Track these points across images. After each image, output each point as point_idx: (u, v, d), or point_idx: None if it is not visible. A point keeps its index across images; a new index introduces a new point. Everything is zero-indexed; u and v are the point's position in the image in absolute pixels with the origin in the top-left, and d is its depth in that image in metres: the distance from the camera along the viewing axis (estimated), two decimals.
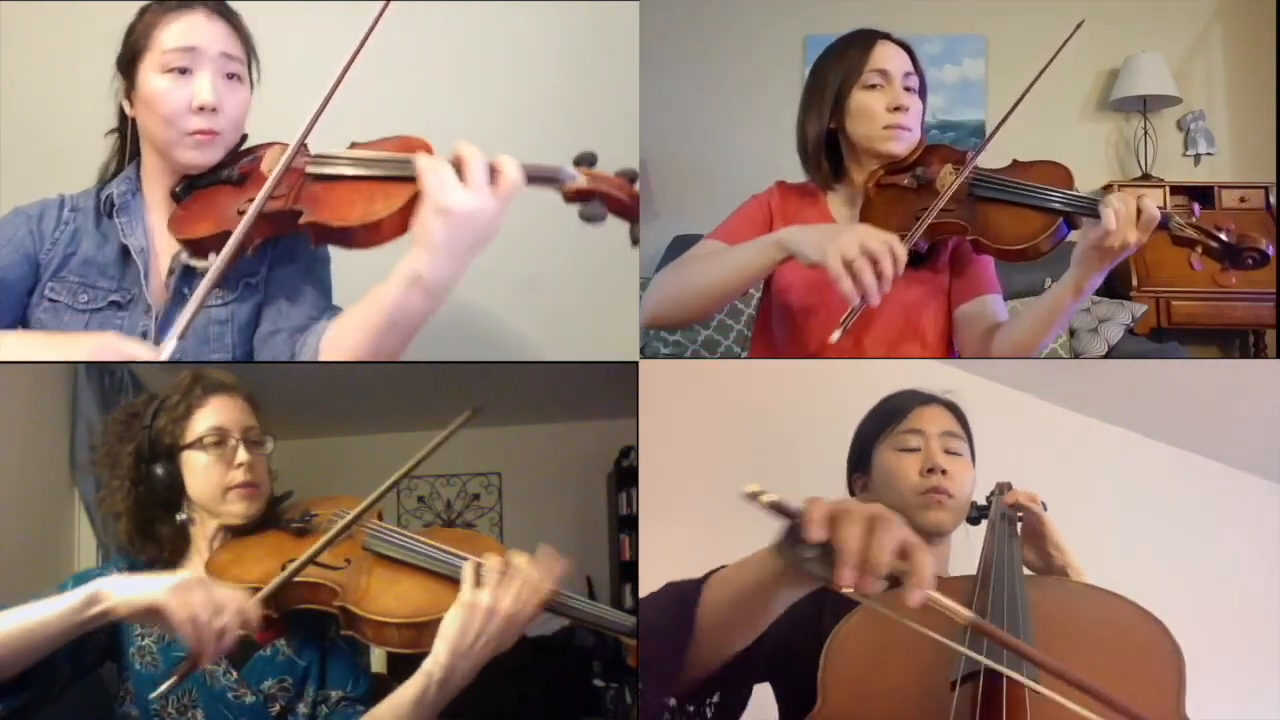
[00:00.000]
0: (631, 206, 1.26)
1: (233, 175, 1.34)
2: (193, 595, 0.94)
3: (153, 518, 1.23)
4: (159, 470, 1.22)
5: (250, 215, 1.23)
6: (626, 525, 4.25)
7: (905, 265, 1.32)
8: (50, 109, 1.89)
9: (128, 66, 1.35)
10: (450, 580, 1.10)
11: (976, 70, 3.85)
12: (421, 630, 1.08)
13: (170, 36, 1.31)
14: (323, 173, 1.28)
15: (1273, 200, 3.49)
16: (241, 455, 1.23)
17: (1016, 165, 1.51)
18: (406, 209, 1.22)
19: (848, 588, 0.77)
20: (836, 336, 1.32)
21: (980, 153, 1.50)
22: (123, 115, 1.40)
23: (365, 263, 1.27)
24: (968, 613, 0.79)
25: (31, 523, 2.46)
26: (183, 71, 1.31)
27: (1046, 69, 1.47)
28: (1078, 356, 3.04)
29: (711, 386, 2.50)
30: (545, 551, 1.10)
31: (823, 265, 1.32)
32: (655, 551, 2.16)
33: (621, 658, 1.08)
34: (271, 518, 1.26)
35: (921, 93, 1.58)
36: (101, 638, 1.08)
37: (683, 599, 0.96)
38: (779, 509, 0.80)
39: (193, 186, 1.36)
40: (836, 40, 1.61)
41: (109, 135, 1.44)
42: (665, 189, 3.75)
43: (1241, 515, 3.02)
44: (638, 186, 1.26)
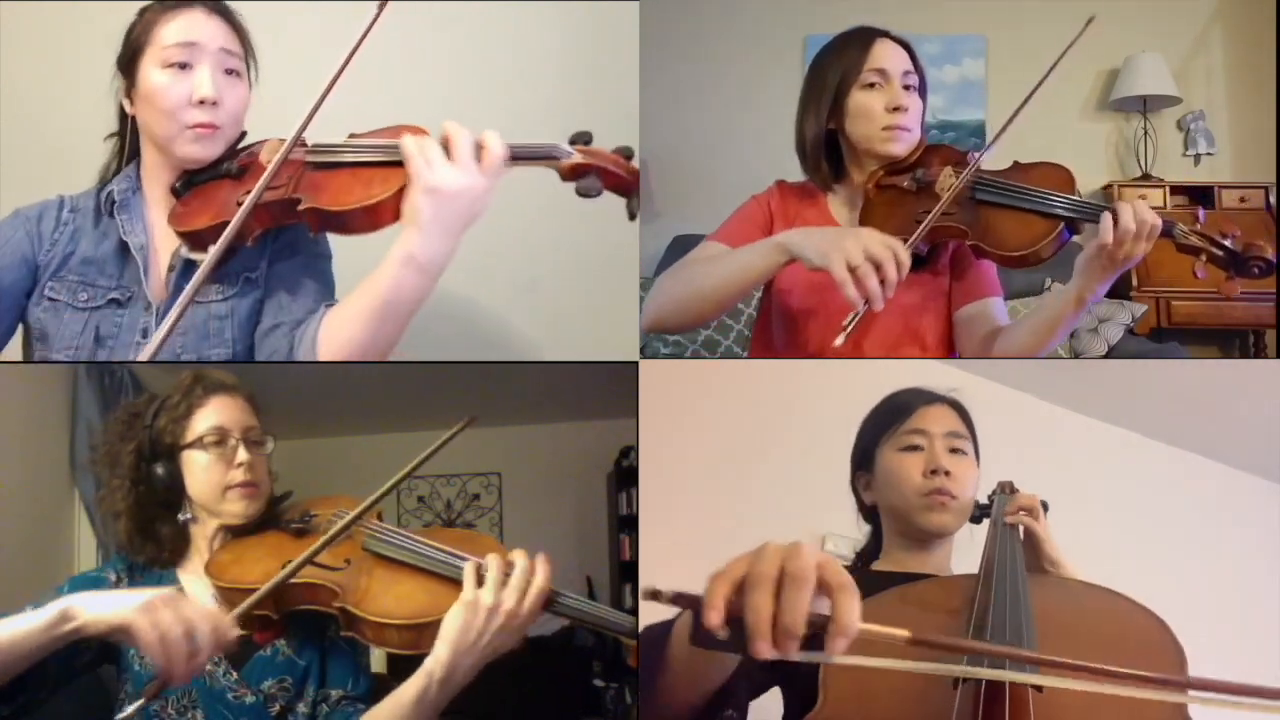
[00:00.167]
0: (628, 181, 1.26)
1: (232, 169, 1.35)
2: (162, 615, 0.91)
3: (153, 517, 1.23)
4: (159, 470, 1.22)
5: (249, 202, 1.24)
6: (626, 525, 4.25)
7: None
8: (50, 109, 1.89)
9: (128, 65, 1.36)
10: (450, 581, 1.10)
11: (976, 70, 3.85)
12: (421, 631, 1.08)
13: (170, 32, 1.32)
14: (321, 161, 1.29)
15: (1273, 200, 3.49)
16: (241, 455, 1.23)
17: (1017, 167, 1.49)
18: (404, 192, 1.23)
19: (766, 658, 0.71)
20: (840, 341, 1.31)
21: (981, 157, 1.47)
22: (123, 115, 1.41)
23: (367, 258, 1.27)
24: (903, 632, 0.74)
25: (31, 523, 2.46)
26: (183, 66, 1.32)
27: (1055, 67, 1.44)
28: (1078, 356, 3.03)
29: (711, 386, 2.50)
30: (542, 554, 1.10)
31: (826, 269, 1.31)
32: (655, 551, 2.15)
33: (621, 658, 1.07)
34: (271, 518, 1.26)
35: (921, 91, 1.55)
36: (94, 641, 1.08)
37: (654, 643, 0.96)
38: (679, 601, 0.75)
39: (192, 182, 1.37)
40: (835, 38, 1.58)
41: (109, 139, 1.45)
42: (665, 189, 3.75)
43: (1241, 515, 3.02)
44: (635, 163, 1.27)
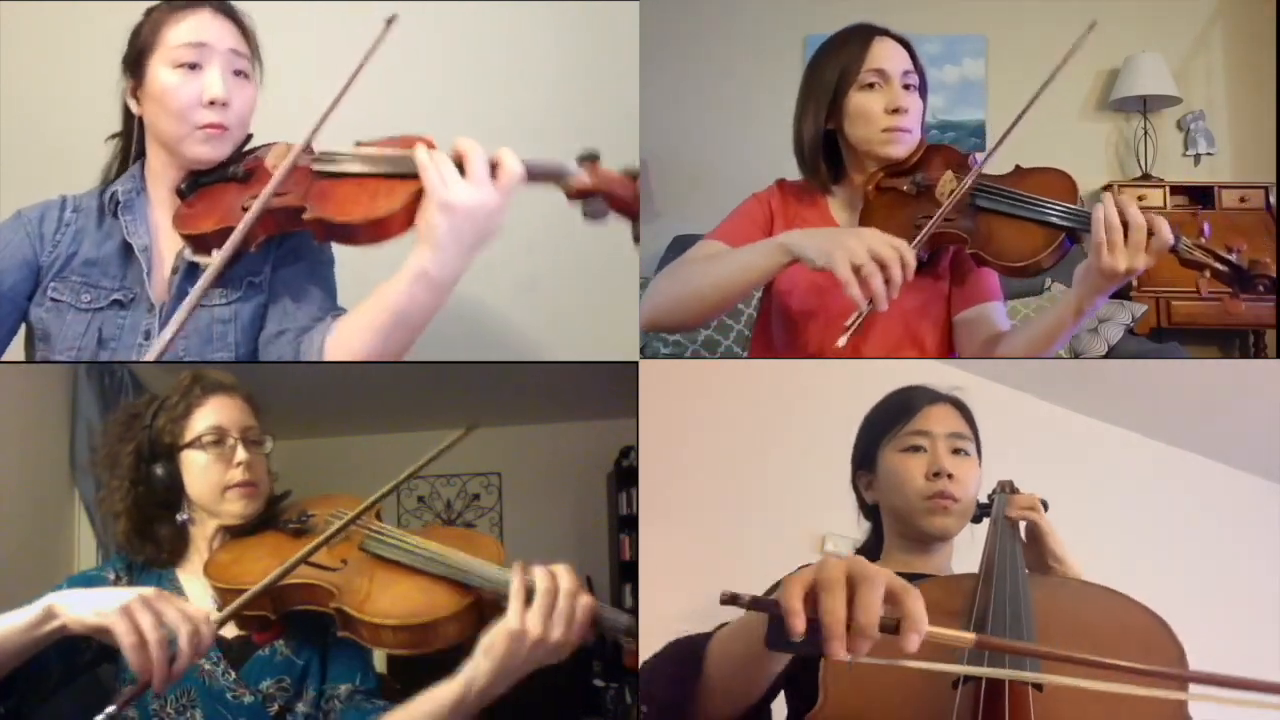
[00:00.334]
0: (634, 205, 1.26)
1: (238, 172, 1.35)
2: (142, 618, 0.90)
3: (152, 517, 1.23)
4: (158, 470, 1.22)
5: (255, 210, 1.23)
6: (626, 525, 4.25)
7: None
8: (50, 109, 1.89)
9: (134, 64, 1.35)
10: (450, 582, 1.09)
11: (976, 70, 3.85)
12: (418, 632, 1.07)
13: (180, 33, 1.32)
14: (327, 170, 1.29)
15: (1273, 200, 3.49)
16: (240, 454, 1.22)
17: (1019, 172, 1.46)
18: (410, 205, 1.22)
19: (841, 659, 0.75)
20: (843, 342, 1.30)
21: (981, 166, 1.44)
22: (128, 115, 1.40)
23: (371, 264, 1.27)
24: (970, 636, 0.78)
25: (31, 523, 2.46)
26: (192, 67, 1.31)
27: (1056, 74, 1.41)
28: (1078, 356, 3.03)
29: (711, 386, 2.51)
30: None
31: (829, 270, 1.29)
32: (655, 551, 2.16)
33: (621, 658, 1.07)
34: (270, 518, 1.25)
35: (921, 91, 1.53)
36: (94, 640, 1.08)
37: (692, 653, 0.95)
38: (758, 605, 0.78)
39: (198, 184, 1.36)
40: (833, 36, 1.55)
41: (110, 140, 1.44)
42: (665, 189, 3.75)
43: (1241, 515, 3.03)
44: (639, 184, 1.27)
